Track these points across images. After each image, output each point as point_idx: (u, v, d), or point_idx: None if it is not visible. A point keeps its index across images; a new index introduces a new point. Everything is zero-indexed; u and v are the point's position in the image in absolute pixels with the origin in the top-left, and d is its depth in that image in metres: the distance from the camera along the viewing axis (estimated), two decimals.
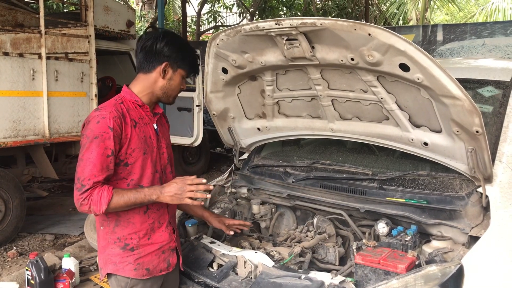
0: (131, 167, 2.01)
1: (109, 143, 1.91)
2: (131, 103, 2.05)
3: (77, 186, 1.90)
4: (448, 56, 5.36)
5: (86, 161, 1.90)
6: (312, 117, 2.70)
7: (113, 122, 1.92)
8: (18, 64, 5.06)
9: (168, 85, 2.09)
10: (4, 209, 5.10)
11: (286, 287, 1.99)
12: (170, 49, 2.04)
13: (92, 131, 1.91)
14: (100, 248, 2.11)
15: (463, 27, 8.35)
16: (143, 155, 2.03)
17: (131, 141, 1.98)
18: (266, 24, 2.12)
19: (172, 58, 2.05)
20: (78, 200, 1.90)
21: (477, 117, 1.93)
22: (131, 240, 2.04)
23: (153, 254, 2.08)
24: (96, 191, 1.89)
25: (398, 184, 2.44)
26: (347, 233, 2.54)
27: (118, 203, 1.93)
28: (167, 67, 2.05)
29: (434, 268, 1.84)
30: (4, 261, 4.74)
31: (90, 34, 5.96)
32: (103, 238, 2.08)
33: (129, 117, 2.00)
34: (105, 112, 1.94)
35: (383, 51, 1.96)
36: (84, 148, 1.92)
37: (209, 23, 16.06)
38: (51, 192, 7.34)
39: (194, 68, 2.15)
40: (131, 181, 2.02)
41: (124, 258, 2.03)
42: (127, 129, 1.97)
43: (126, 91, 2.09)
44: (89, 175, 1.88)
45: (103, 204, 1.89)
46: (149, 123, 2.10)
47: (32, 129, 5.23)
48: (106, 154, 1.91)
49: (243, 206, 2.91)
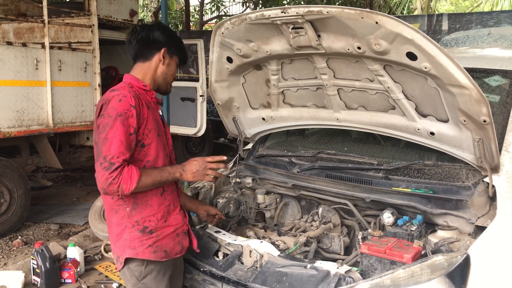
0: (147, 148, 2.03)
1: (132, 121, 1.93)
2: (139, 89, 2.08)
3: (104, 165, 1.87)
4: (453, 46, 5.31)
5: (113, 139, 1.89)
6: (318, 106, 2.68)
7: (134, 100, 1.95)
8: (21, 53, 5.05)
9: (167, 70, 2.16)
10: (9, 198, 5.11)
11: (292, 276, 2.00)
12: (165, 37, 2.12)
13: (115, 109, 1.91)
14: (115, 235, 2.08)
15: (468, 16, 8.28)
16: (157, 137, 2.07)
17: (148, 121, 2.01)
18: (272, 13, 2.10)
19: (169, 44, 2.13)
20: (108, 180, 1.87)
21: (485, 106, 1.91)
22: (149, 222, 2.05)
23: (169, 237, 2.10)
24: (126, 170, 1.89)
25: (404, 174, 2.42)
26: (352, 223, 2.54)
27: (146, 181, 1.95)
28: (165, 53, 2.12)
29: (441, 258, 1.83)
30: (9, 250, 4.77)
31: (93, 23, 5.94)
32: (118, 224, 2.06)
33: (143, 100, 2.05)
34: (124, 92, 1.97)
35: (390, 39, 1.94)
36: (107, 126, 1.91)
37: (212, 13, 15.94)
38: (55, 182, 7.37)
39: (185, 56, 2.25)
40: (147, 162, 2.04)
41: (143, 241, 2.03)
42: (144, 110, 2.01)
43: (131, 78, 2.11)
44: (118, 152, 1.88)
45: (133, 182, 1.89)
46: (156, 109, 2.15)
47: (36, 119, 5.23)
48: (130, 132, 1.93)
49: (248, 196, 2.91)
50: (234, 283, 2.09)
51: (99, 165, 1.89)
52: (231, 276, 2.14)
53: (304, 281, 1.95)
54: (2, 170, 5.02)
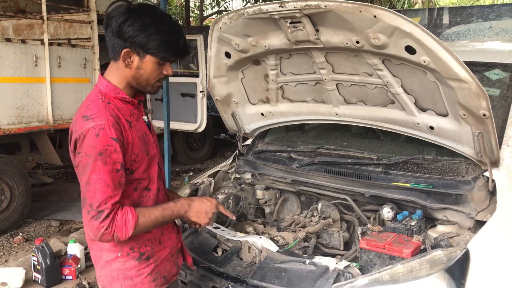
0: (137, 173, 1.74)
1: (117, 156, 1.62)
2: (117, 101, 1.73)
3: (91, 214, 1.60)
4: (454, 40, 5.29)
5: (96, 183, 1.60)
6: (317, 101, 2.67)
7: (114, 131, 1.61)
8: (20, 50, 5.04)
9: (138, 74, 1.71)
10: (9, 195, 5.12)
11: (290, 272, 1.99)
12: (130, 30, 1.63)
13: (93, 148, 1.59)
14: (104, 262, 1.79)
15: (469, 9, 8.23)
16: (147, 156, 1.77)
17: (133, 145, 1.70)
18: (269, 7, 2.08)
19: (135, 43, 1.64)
20: (99, 230, 1.60)
21: (484, 100, 1.90)
22: (145, 247, 1.79)
23: (165, 260, 1.87)
24: (119, 216, 1.62)
25: (403, 168, 2.41)
26: (351, 218, 2.53)
27: (146, 224, 1.69)
28: (130, 54, 1.67)
29: (440, 253, 1.82)
30: (10, 247, 4.78)
31: (93, 19, 5.92)
32: (108, 251, 1.76)
33: (123, 119, 1.69)
34: (101, 121, 1.61)
35: (388, 33, 1.93)
36: (87, 168, 1.60)
37: (213, 8, 15.93)
38: (56, 179, 7.37)
39: (171, 51, 1.70)
40: (138, 185, 1.76)
41: (141, 270, 1.78)
42: (126, 134, 1.67)
43: (107, 85, 1.73)
44: (105, 198, 1.60)
45: (129, 229, 1.63)
46: (140, 117, 1.82)
47: (36, 115, 5.23)
48: (116, 169, 1.62)
49: (247, 191, 2.90)
50: (232, 279, 2.09)
51: (87, 213, 1.62)
52: (229, 272, 2.13)
53: (303, 276, 1.95)
54: (3, 167, 5.03)
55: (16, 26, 6.70)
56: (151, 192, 1.81)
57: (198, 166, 8.31)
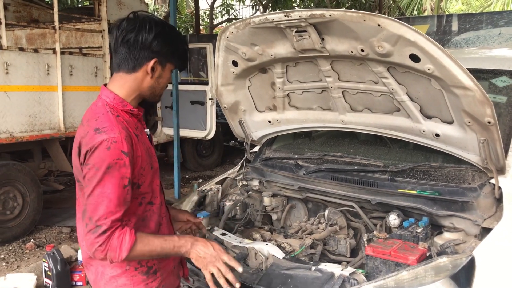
0: (143, 187, 1.72)
1: (125, 171, 1.58)
2: (125, 114, 1.72)
3: (89, 227, 1.56)
4: (463, 46, 5.29)
5: (99, 196, 1.56)
6: (323, 109, 2.69)
7: (126, 144, 1.59)
8: (33, 59, 5.13)
9: (157, 83, 1.76)
10: (21, 202, 5.20)
11: (296, 278, 2.01)
12: (160, 43, 1.68)
13: (102, 160, 1.56)
14: (108, 278, 1.74)
15: (478, 16, 8.22)
16: (151, 170, 1.75)
17: (142, 159, 1.69)
18: (275, 16, 2.12)
19: (162, 54, 1.70)
20: (93, 245, 1.55)
21: (489, 107, 1.91)
22: (153, 261, 1.76)
23: (170, 273, 1.86)
24: (116, 235, 1.57)
25: (409, 175, 2.42)
26: (358, 225, 2.53)
27: (142, 251, 1.62)
28: (156, 64, 1.71)
29: (445, 260, 1.83)
30: (22, 253, 4.84)
31: (104, 28, 6.00)
32: (114, 266, 1.71)
33: (132, 132, 1.68)
34: (114, 135, 1.59)
35: (393, 41, 1.95)
36: (94, 181, 1.56)
37: (222, 16, 16.05)
38: (67, 186, 7.44)
39: (184, 61, 1.83)
40: (143, 199, 1.74)
41: (149, 285, 1.76)
42: (136, 147, 1.66)
43: (114, 97, 1.71)
44: (105, 212, 1.55)
45: (123, 251, 1.57)
46: (143, 130, 1.81)
47: (48, 123, 5.31)
48: (123, 184, 1.58)
49: (255, 198, 2.92)
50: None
51: (85, 226, 1.58)
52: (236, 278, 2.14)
53: (309, 283, 1.96)
54: (15, 174, 5.11)
55: (29, 36, 6.83)
56: (154, 206, 1.79)
57: (208, 173, 8.35)
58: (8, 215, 5.08)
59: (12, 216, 5.12)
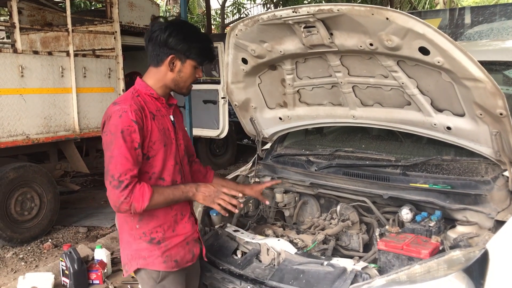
0: (152, 160, 1.97)
1: (135, 136, 1.87)
2: (147, 96, 2.01)
3: (113, 184, 1.84)
4: (476, 39, 5.21)
5: (118, 156, 1.84)
6: (333, 104, 2.69)
7: (135, 114, 1.88)
8: (47, 62, 5.21)
9: (179, 77, 2.02)
10: (39, 203, 5.28)
11: (308, 273, 2.01)
12: (174, 41, 1.94)
13: (116, 126, 1.86)
14: (125, 243, 2.07)
15: (492, 8, 8.10)
16: (164, 147, 1.99)
17: (152, 133, 1.95)
18: (283, 13, 2.12)
19: (178, 50, 1.96)
20: (119, 198, 1.84)
21: (501, 99, 1.89)
22: (156, 233, 2.02)
23: (179, 246, 2.06)
24: (137, 188, 1.85)
25: (421, 169, 2.40)
26: (371, 220, 2.53)
27: (159, 199, 1.91)
28: (174, 60, 1.98)
29: (458, 253, 1.82)
30: (40, 253, 4.92)
31: (116, 30, 6.07)
32: (128, 234, 2.05)
33: (147, 110, 1.96)
34: (125, 106, 1.89)
35: (401, 35, 1.94)
36: (111, 144, 1.87)
37: (234, 15, 16.06)
38: (83, 186, 7.55)
39: (206, 56, 2.04)
40: (153, 174, 1.99)
41: (152, 252, 2.01)
42: (147, 122, 1.93)
43: (140, 83, 2.04)
44: (125, 169, 1.84)
45: (145, 200, 1.85)
46: (166, 115, 2.06)
47: (63, 125, 5.39)
48: (134, 147, 1.87)
49: (267, 195, 2.92)
50: (252, 281, 2.12)
51: (109, 184, 1.86)
52: (249, 274, 2.16)
53: (321, 278, 1.97)
54: (32, 175, 5.19)
55: (43, 39, 6.93)
56: (165, 183, 2.02)
57: (221, 172, 8.38)
58: (26, 216, 5.16)
59: (30, 217, 5.20)
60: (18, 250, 4.95)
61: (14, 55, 4.86)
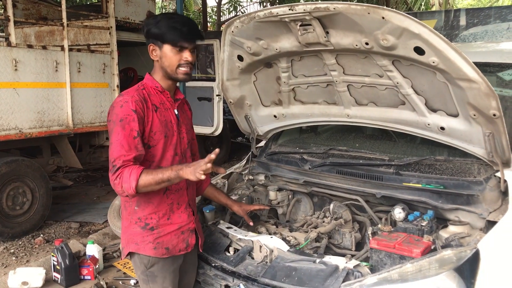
0: (153, 149, 2.09)
1: (134, 125, 1.99)
2: (152, 89, 2.14)
3: (110, 168, 1.97)
4: (471, 41, 5.24)
5: (115, 143, 1.97)
6: (328, 103, 2.69)
7: (135, 105, 2.01)
8: (41, 56, 5.18)
9: (162, 63, 2.10)
10: (31, 198, 5.26)
11: (300, 270, 2.02)
12: (149, 31, 2.08)
13: (117, 115, 2.00)
14: (123, 228, 2.20)
15: (487, 11, 8.14)
16: (164, 138, 2.11)
17: (153, 124, 2.06)
18: (279, 10, 2.12)
19: (154, 38, 2.08)
20: (112, 181, 1.96)
21: (494, 100, 1.90)
22: (151, 220, 2.12)
23: (172, 234, 2.15)
24: (127, 170, 1.94)
25: (415, 169, 2.41)
26: (363, 219, 2.54)
27: (147, 179, 1.93)
28: (153, 48, 2.10)
29: (449, 252, 1.83)
30: (32, 247, 4.90)
31: (111, 25, 6.04)
32: (126, 219, 2.18)
33: (150, 102, 2.09)
34: (127, 97, 2.03)
35: (397, 34, 1.95)
36: (112, 132, 2.01)
37: (230, 13, 16.03)
38: (76, 182, 7.52)
39: (180, 36, 2.04)
40: (152, 163, 2.09)
41: (144, 238, 2.11)
42: (149, 113, 2.06)
43: (148, 78, 2.17)
44: (119, 155, 1.95)
45: (132, 180, 1.91)
46: (170, 109, 2.17)
47: (56, 119, 5.36)
48: (133, 135, 1.98)
49: (260, 192, 2.93)
50: (244, 278, 2.12)
51: (109, 170, 1.98)
52: (241, 271, 2.16)
53: (313, 275, 1.97)
54: (24, 170, 5.17)
55: (38, 33, 6.88)
56: None
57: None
58: (18, 211, 5.15)
59: (22, 212, 5.18)
60: (9, 245, 4.92)
61: (8, 48, 4.83)
